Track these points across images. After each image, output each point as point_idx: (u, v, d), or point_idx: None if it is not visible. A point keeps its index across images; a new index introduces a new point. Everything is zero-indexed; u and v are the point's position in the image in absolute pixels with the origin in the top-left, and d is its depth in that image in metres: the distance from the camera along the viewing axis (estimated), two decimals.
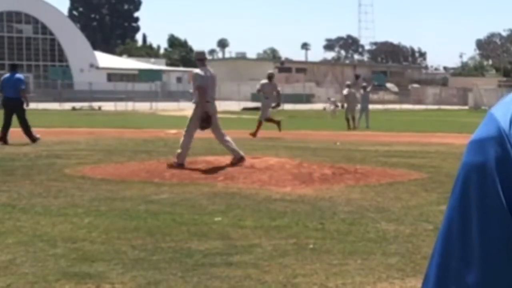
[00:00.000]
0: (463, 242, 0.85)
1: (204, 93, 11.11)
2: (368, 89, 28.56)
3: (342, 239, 6.39)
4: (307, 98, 68.17)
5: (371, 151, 15.51)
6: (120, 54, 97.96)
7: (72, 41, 77.29)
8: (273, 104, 20.04)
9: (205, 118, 11.07)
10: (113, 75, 78.95)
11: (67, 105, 50.22)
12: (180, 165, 10.88)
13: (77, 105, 49.47)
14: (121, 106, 51.32)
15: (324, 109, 51.39)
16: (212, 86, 11.32)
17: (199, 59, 11.58)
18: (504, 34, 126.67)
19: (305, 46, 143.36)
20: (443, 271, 0.87)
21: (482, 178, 0.84)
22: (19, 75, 17.06)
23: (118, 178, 10.43)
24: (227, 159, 11.51)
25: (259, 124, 19.76)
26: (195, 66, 11.75)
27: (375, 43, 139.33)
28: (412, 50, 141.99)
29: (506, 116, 0.85)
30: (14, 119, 16.43)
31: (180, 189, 9.40)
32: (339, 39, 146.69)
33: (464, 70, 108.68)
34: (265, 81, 19.97)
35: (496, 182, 0.82)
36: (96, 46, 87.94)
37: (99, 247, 5.99)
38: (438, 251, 0.89)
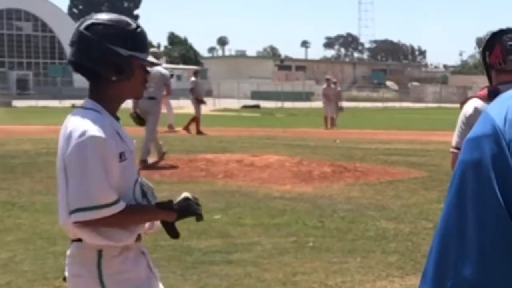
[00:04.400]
0: (460, 237, 0.86)
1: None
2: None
3: (342, 237, 6.40)
4: (307, 96, 68.07)
5: (371, 149, 15.50)
6: None
7: None
8: None
9: (134, 116, 11.03)
10: None
11: (67, 103, 50.18)
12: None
13: (77, 102, 49.40)
14: None
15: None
16: (154, 84, 11.00)
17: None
18: None
19: (305, 44, 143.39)
20: (441, 265, 0.89)
21: (478, 174, 0.85)
22: None
23: None
24: (227, 156, 11.52)
25: None
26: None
27: (375, 41, 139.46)
28: (412, 48, 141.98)
29: (501, 114, 0.86)
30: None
31: (180, 187, 9.39)
32: (339, 37, 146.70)
33: (464, 68, 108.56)
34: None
35: (491, 178, 0.83)
36: None
37: None
38: (436, 246, 0.90)
